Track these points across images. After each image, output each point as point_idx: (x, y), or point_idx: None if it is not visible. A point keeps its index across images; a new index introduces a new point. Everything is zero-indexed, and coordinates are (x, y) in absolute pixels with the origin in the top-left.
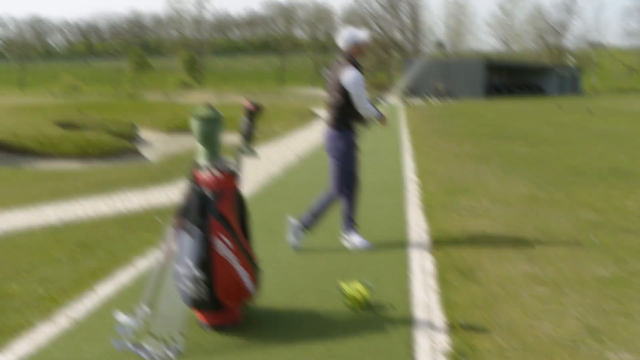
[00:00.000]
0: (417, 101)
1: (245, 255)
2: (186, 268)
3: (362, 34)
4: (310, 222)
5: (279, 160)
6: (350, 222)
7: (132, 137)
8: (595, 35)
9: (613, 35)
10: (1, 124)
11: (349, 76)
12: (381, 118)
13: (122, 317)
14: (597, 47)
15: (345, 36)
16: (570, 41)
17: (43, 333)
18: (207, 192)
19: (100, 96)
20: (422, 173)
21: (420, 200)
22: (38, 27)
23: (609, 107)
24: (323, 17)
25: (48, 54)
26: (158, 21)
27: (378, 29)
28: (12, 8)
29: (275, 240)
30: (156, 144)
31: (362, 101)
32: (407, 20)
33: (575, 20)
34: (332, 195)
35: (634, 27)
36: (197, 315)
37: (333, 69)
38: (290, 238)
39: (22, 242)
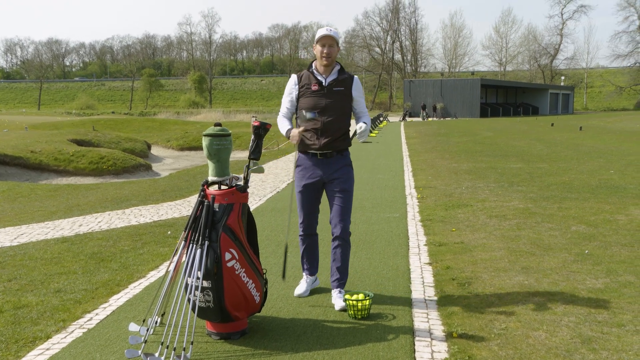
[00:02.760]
0: (416, 119)
1: (252, 268)
2: (196, 280)
3: (319, 31)
4: (344, 280)
5: (284, 176)
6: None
7: (144, 153)
8: (586, 57)
9: (603, 57)
10: (19, 141)
11: None
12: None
13: (134, 327)
14: (587, 68)
15: None
16: (562, 62)
17: (57, 343)
18: (216, 207)
19: (113, 114)
20: (421, 188)
21: (420, 214)
22: (55, 48)
23: (599, 126)
24: None
25: (64, 74)
26: (169, 43)
27: (379, 51)
28: (31, 30)
29: (281, 253)
30: (167, 160)
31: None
32: (406, 42)
33: (566, 43)
34: (348, 238)
35: (622, 50)
36: (206, 325)
37: None
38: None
39: (38, 255)
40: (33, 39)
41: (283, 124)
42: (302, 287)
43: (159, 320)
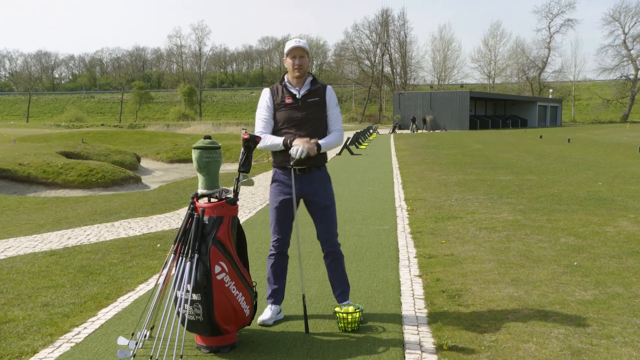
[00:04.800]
0: (405, 132)
1: (242, 281)
2: (185, 293)
3: (288, 44)
4: (347, 290)
5: None
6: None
7: (133, 166)
8: (574, 70)
9: (589, 70)
10: (7, 154)
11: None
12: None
13: (122, 341)
14: (575, 81)
15: None
16: (550, 75)
17: (44, 358)
18: (206, 220)
19: (103, 127)
20: (411, 201)
21: (410, 226)
22: (44, 60)
23: (587, 138)
24: (316, 51)
25: (53, 86)
26: (159, 56)
27: (369, 63)
28: (20, 43)
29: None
30: (157, 173)
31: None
32: (396, 55)
33: (554, 56)
34: (339, 250)
35: (608, 63)
36: (195, 338)
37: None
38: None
39: (25, 269)
40: (22, 51)
41: (269, 138)
42: (266, 314)
43: (148, 334)
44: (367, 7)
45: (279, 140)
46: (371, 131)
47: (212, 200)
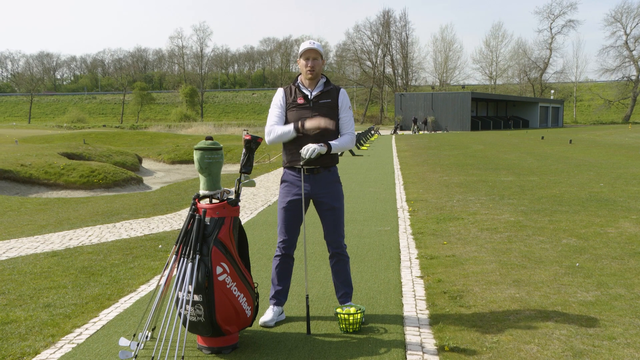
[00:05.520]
0: (407, 132)
1: (243, 282)
2: (186, 294)
3: (302, 45)
4: (350, 292)
5: (275, 189)
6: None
7: (135, 167)
8: (575, 71)
9: (591, 71)
10: (9, 154)
11: None
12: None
13: (124, 342)
14: (576, 82)
15: None
16: (551, 76)
17: (46, 358)
18: (208, 221)
19: (105, 128)
20: (412, 202)
21: (411, 227)
22: (46, 62)
23: (589, 139)
24: None
25: (55, 87)
26: (161, 57)
27: (370, 64)
28: (22, 44)
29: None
30: (158, 174)
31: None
32: (397, 55)
33: (556, 57)
34: (344, 252)
35: (610, 64)
36: (197, 339)
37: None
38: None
39: (27, 269)
40: (24, 53)
41: (279, 128)
42: (268, 315)
43: (149, 335)
44: (369, 8)
45: (289, 127)
46: (372, 132)
47: (214, 201)
